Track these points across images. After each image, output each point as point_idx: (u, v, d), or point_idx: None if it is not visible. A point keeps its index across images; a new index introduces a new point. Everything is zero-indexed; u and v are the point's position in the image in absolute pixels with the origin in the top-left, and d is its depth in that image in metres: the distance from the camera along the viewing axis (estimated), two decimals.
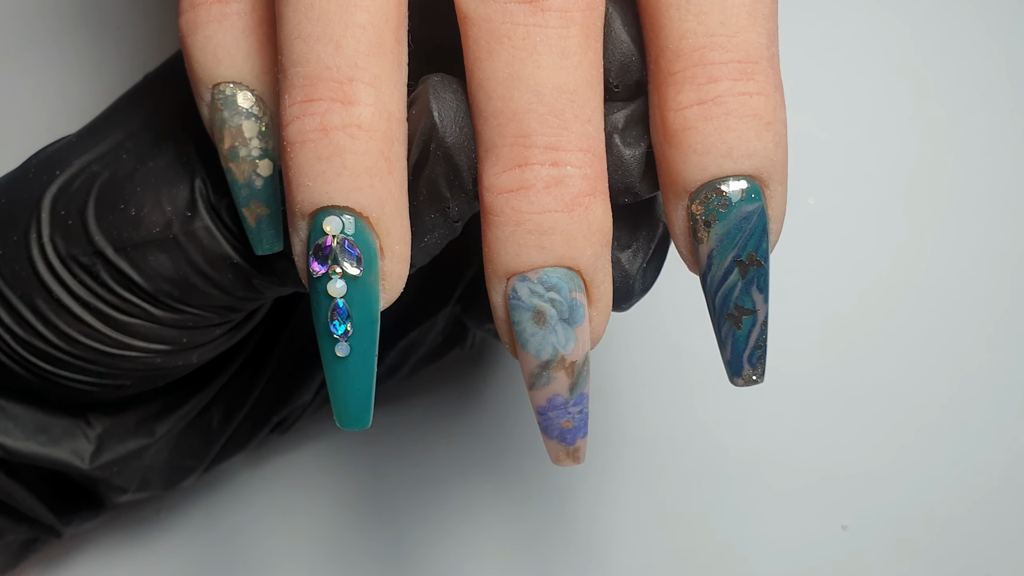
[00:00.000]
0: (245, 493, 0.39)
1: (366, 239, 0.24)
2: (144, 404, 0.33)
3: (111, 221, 0.28)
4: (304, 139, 0.24)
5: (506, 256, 0.25)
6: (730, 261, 0.25)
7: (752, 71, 0.24)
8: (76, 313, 0.28)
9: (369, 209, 0.24)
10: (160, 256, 0.28)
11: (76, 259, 0.28)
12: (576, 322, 0.25)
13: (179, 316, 0.29)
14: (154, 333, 0.29)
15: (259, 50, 0.26)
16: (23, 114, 0.41)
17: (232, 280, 0.28)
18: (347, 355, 0.25)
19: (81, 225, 0.28)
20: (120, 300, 0.28)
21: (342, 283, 0.24)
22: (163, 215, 0.28)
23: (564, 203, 0.24)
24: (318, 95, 0.24)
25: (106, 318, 0.28)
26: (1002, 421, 0.38)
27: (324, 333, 0.24)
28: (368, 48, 0.24)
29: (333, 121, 0.23)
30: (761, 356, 0.26)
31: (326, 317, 0.24)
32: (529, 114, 0.24)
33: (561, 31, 0.24)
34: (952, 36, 0.41)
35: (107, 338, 0.29)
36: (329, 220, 0.24)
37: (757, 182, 0.25)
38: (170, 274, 0.28)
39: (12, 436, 0.31)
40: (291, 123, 0.24)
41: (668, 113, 0.25)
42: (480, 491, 0.38)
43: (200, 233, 0.27)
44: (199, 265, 0.28)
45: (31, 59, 0.41)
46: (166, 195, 0.28)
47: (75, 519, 0.35)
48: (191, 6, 0.26)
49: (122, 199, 0.28)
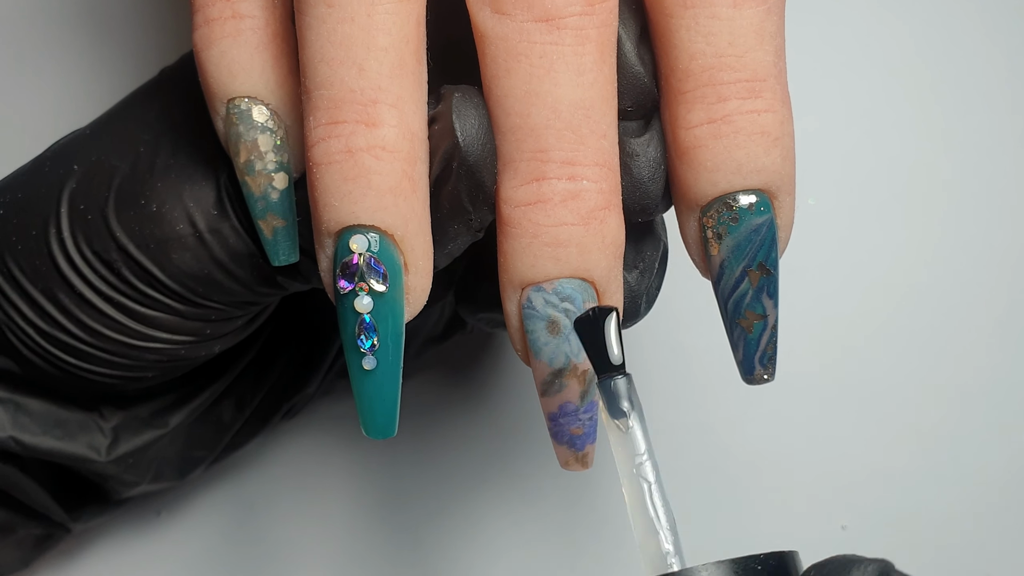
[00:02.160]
0: (253, 485, 0.39)
1: (391, 256, 0.25)
2: (158, 396, 0.34)
3: (132, 217, 0.28)
4: (330, 160, 0.24)
5: (522, 267, 0.25)
6: (741, 270, 0.26)
7: (760, 89, 0.25)
8: (99, 307, 0.29)
9: (394, 228, 0.25)
10: (184, 254, 0.28)
11: (98, 255, 0.28)
12: None
13: (202, 310, 0.29)
14: (178, 325, 0.29)
15: (273, 64, 0.26)
16: (23, 114, 0.41)
17: (255, 277, 0.29)
18: (374, 368, 0.25)
19: (102, 221, 0.28)
20: (142, 295, 0.29)
21: (369, 299, 0.25)
22: (186, 212, 0.28)
23: (580, 216, 0.25)
24: (343, 117, 0.24)
25: (129, 312, 0.29)
26: (1002, 421, 0.39)
27: (351, 347, 0.25)
28: (390, 70, 0.24)
29: (358, 143, 0.24)
30: (772, 357, 0.27)
31: (353, 332, 0.25)
32: (547, 130, 0.25)
33: (577, 48, 0.24)
34: (952, 36, 0.41)
35: (131, 331, 0.29)
36: (356, 239, 0.25)
37: (766, 195, 0.26)
38: (194, 271, 0.28)
39: (29, 431, 0.31)
40: (317, 144, 0.24)
41: (679, 131, 0.25)
42: (484, 494, 0.38)
43: (226, 232, 0.28)
44: (224, 263, 0.28)
45: (31, 59, 0.41)
46: (188, 192, 0.28)
47: (84, 514, 0.35)
48: (205, 22, 0.26)
49: (143, 195, 0.28)
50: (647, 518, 0.23)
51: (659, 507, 0.23)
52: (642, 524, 0.23)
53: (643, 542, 0.23)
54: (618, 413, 0.24)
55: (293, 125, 0.27)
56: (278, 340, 0.35)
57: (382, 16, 0.24)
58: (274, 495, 0.39)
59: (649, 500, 0.23)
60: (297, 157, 0.27)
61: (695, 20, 0.25)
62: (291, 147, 0.27)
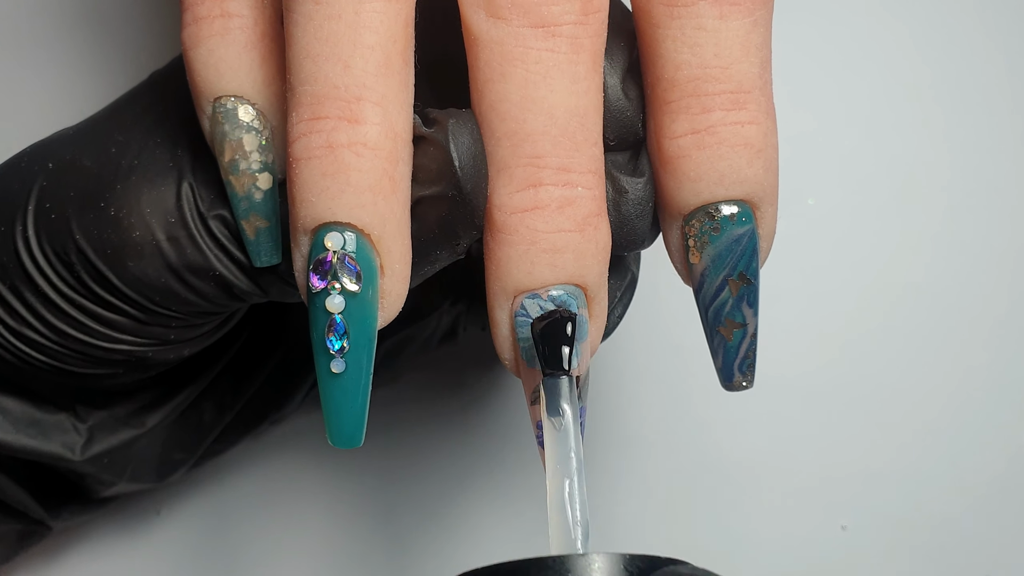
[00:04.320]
0: (238, 488, 0.39)
1: (367, 256, 0.24)
2: (134, 396, 0.33)
3: (92, 220, 0.27)
4: (310, 155, 0.24)
5: (517, 274, 0.25)
6: (721, 279, 0.26)
7: (744, 101, 0.25)
8: (61, 307, 0.28)
9: (371, 227, 0.24)
10: (139, 261, 0.27)
11: (58, 255, 0.28)
12: (582, 338, 0.25)
13: (161, 317, 0.29)
14: (140, 330, 0.29)
15: (261, 64, 0.26)
16: (24, 114, 0.41)
17: (214, 288, 0.28)
18: (342, 371, 0.25)
19: (64, 222, 0.28)
20: (100, 300, 0.28)
21: (340, 299, 0.24)
22: (143, 218, 0.27)
23: (576, 223, 0.25)
24: (325, 113, 0.24)
25: (91, 314, 0.28)
26: (1001, 421, 0.39)
27: (320, 349, 0.25)
28: (376, 69, 0.24)
29: (339, 139, 0.24)
30: (751, 365, 0.27)
31: (323, 332, 0.25)
32: (543, 136, 0.24)
33: (572, 56, 0.24)
34: (952, 36, 0.41)
35: (94, 331, 0.29)
36: (331, 236, 0.24)
37: (748, 205, 0.26)
38: (150, 280, 0.27)
39: (3, 429, 0.31)
40: (297, 140, 0.24)
41: (664, 140, 0.25)
42: (477, 492, 0.39)
43: (183, 241, 0.27)
44: (179, 272, 0.27)
45: (31, 59, 0.41)
46: (147, 197, 0.27)
47: (63, 512, 0.35)
48: (194, 20, 0.26)
49: (103, 198, 0.28)
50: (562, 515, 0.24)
51: (576, 503, 0.24)
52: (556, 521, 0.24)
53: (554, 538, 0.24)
54: (555, 411, 0.25)
55: (279, 125, 0.26)
56: (262, 345, 0.35)
57: (369, 14, 0.24)
58: (256, 499, 0.39)
59: (567, 495, 0.24)
60: (282, 158, 0.27)
61: (681, 31, 0.25)
62: (276, 147, 0.27)
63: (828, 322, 0.39)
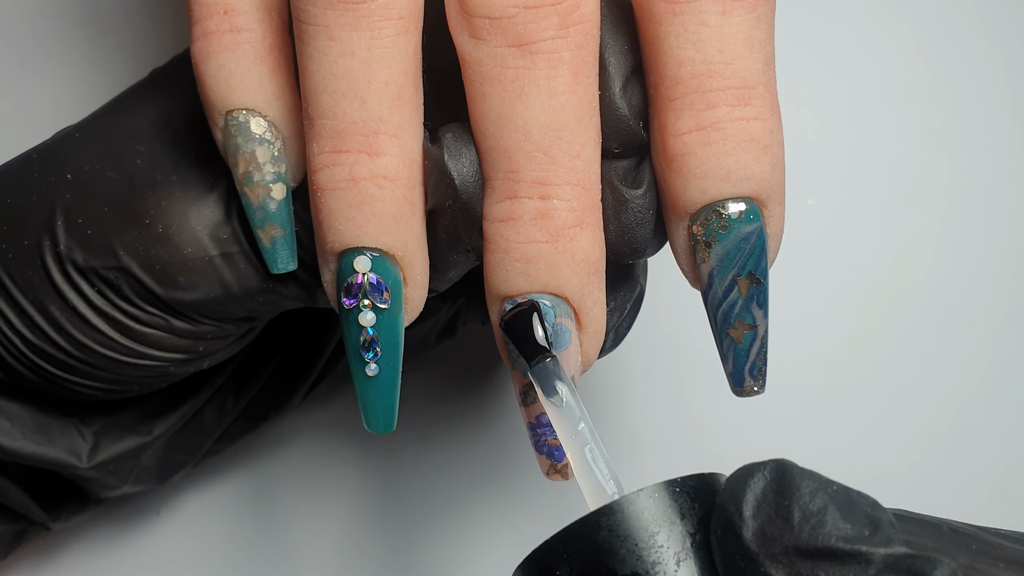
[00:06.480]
0: (238, 488, 0.39)
1: (392, 274, 0.26)
2: (140, 402, 0.34)
3: (136, 236, 0.28)
4: (334, 187, 0.25)
5: (497, 280, 0.26)
6: (731, 279, 0.26)
7: (749, 96, 0.25)
8: (92, 322, 0.29)
9: (395, 249, 0.26)
10: (192, 276, 0.28)
11: (96, 271, 0.28)
12: (561, 346, 0.26)
13: (198, 328, 0.29)
14: (171, 343, 0.29)
15: (271, 77, 0.27)
16: (24, 114, 0.41)
17: (265, 297, 0.29)
18: (376, 374, 0.27)
19: (102, 237, 0.28)
20: (141, 311, 0.29)
21: (372, 315, 0.26)
22: (194, 235, 0.28)
23: (549, 234, 0.25)
24: (346, 147, 0.25)
25: (124, 328, 0.29)
26: (1002, 422, 0.39)
27: (355, 356, 0.27)
28: (391, 102, 0.25)
29: (361, 172, 0.25)
30: (761, 369, 0.27)
31: (357, 342, 0.27)
32: (518, 152, 0.25)
33: (549, 71, 0.25)
34: (952, 36, 0.41)
35: (122, 347, 0.29)
36: (359, 261, 0.26)
37: (755, 203, 0.26)
38: (200, 294, 0.28)
39: (10, 436, 0.31)
40: (320, 170, 0.26)
41: (668, 138, 0.25)
42: (478, 490, 0.39)
43: (237, 258, 0.28)
44: (231, 287, 0.28)
45: (32, 59, 0.41)
46: (195, 214, 0.28)
47: (64, 513, 0.35)
48: (203, 35, 0.26)
49: (146, 214, 0.28)
50: (592, 477, 0.24)
51: (600, 463, 0.25)
52: (589, 484, 0.24)
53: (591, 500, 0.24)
54: (551, 392, 0.25)
55: (291, 136, 0.27)
56: (263, 349, 0.35)
57: (381, 51, 0.25)
58: (256, 496, 0.39)
59: (591, 459, 0.25)
60: (295, 167, 0.27)
61: (684, 27, 0.25)
62: (289, 158, 0.27)
63: (827, 322, 0.39)
